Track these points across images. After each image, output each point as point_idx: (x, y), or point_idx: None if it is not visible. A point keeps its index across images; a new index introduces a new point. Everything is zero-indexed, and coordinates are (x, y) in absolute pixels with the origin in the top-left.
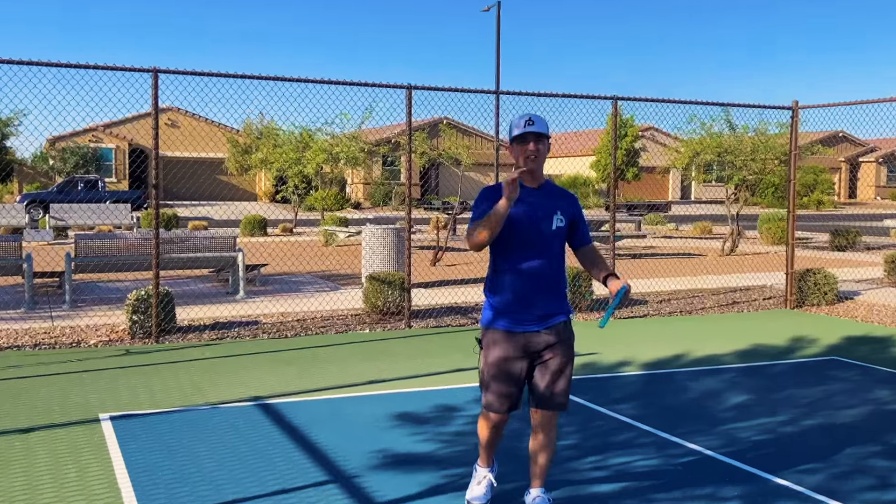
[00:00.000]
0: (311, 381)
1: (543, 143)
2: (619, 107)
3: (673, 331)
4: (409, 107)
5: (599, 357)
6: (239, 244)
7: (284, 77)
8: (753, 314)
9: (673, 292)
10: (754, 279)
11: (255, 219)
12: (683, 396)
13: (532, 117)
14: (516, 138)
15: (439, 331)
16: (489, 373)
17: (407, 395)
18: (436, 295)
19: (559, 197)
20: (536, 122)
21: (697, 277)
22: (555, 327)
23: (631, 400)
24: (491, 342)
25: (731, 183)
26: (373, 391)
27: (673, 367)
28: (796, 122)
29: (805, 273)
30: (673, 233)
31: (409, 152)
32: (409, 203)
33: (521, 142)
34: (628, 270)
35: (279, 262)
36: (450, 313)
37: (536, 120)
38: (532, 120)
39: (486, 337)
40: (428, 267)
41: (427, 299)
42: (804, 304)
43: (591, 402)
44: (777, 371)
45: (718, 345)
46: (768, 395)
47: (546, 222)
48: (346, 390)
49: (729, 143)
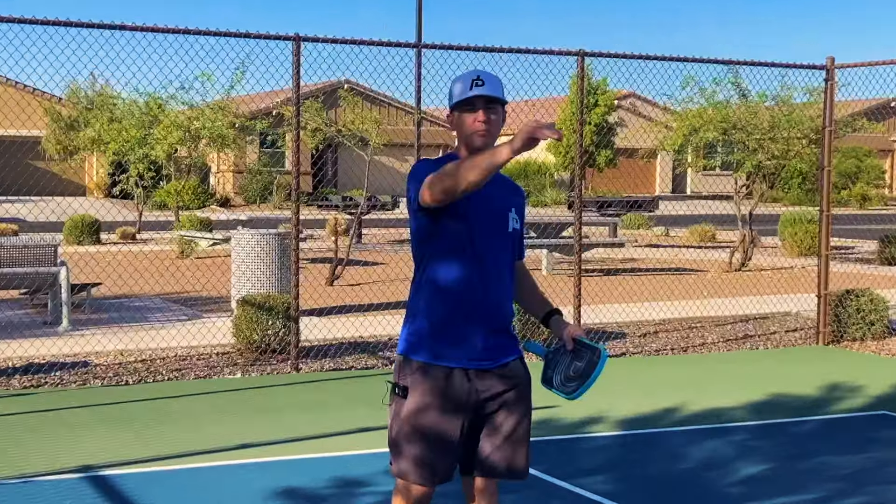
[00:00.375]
0: (160, 446)
1: (497, 111)
2: (588, 66)
3: (661, 375)
4: (297, 65)
5: (560, 411)
6: (62, 256)
7: (124, 25)
8: (772, 352)
9: (662, 322)
10: (774, 304)
11: (85, 221)
12: (675, 466)
13: (481, 75)
14: (460, 104)
15: (338, 375)
16: (405, 425)
17: (293, 464)
18: (334, 326)
19: (511, 190)
20: (487, 83)
21: (695, 302)
22: (510, 364)
23: (603, 471)
24: (410, 381)
25: (741, 171)
26: (246, 458)
27: (661, 426)
28: (832, 86)
29: (844, 296)
30: (662, 240)
31: (296, 128)
32: (296, 199)
33: (467, 109)
34: (599, 293)
35: (117, 281)
36: (353, 351)
37: (487, 79)
38: (481, 79)
39: (403, 373)
40: (323, 287)
41: (322, 332)
42: (843, 339)
43: (547, 473)
44: (805, 431)
45: (724, 394)
46: (793, 465)
47: (502, 221)
48: (208, 458)
49: (739, 115)
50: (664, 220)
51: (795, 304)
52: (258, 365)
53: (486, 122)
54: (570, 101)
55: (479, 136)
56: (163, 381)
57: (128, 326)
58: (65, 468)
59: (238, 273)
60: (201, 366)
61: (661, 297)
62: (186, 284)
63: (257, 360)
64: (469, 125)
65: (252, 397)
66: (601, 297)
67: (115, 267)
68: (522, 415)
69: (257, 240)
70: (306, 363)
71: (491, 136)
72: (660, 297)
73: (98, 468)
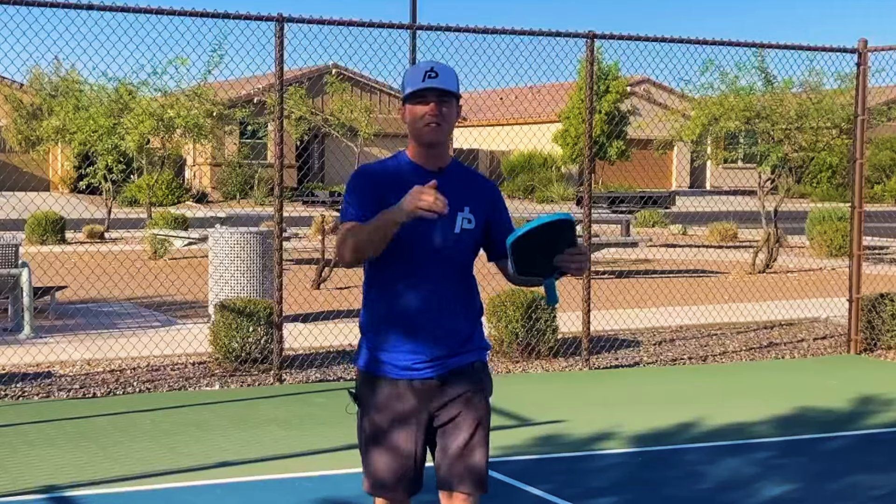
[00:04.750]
0: (131, 464)
1: (450, 104)
2: (598, 49)
3: (678, 387)
4: (281, 49)
5: (567, 426)
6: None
7: (91, 4)
8: (799, 362)
9: (679, 329)
10: (801, 309)
11: (48, 218)
12: (693, 486)
13: (436, 67)
14: (411, 96)
15: (325, 387)
16: (366, 440)
17: (276, 483)
18: (320, 333)
19: (468, 186)
20: (441, 74)
21: (715, 307)
22: (459, 372)
23: (613, 492)
24: (366, 393)
25: (765, 164)
26: (224, 478)
27: (677, 442)
28: (865, 71)
29: (878, 300)
30: (679, 239)
31: (279, 117)
32: (279, 195)
33: (418, 101)
34: (611, 297)
35: (84, 284)
36: (341, 360)
37: (441, 71)
38: (435, 71)
39: (361, 386)
40: (309, 291)
41: (307, 339)
42: (876, 347)
43: (553, 494)
44: (835, 448)
45: (746, 408)
46: (821, 485)
47: (448, 222)
48: (183, 477)
49: (763, 103)
50: (681, 218)
51: (825, 310)
52: (238, 376)
53: (436, 115)
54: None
55: (430, 129)
56: (133, 394)
57: (95, 334)
58: (26, 488)
59: (216, 275)
60: (175, 377)
61: (677, 301)
62: (160, 288)
63: (237, 370)
64: (419, 118)
65: (231, 411)
66: (613, 301)
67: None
68: (476, 417)
69: (237, 239)
70: (290, 373)
71: (441, 131)
72: (676, 301)
73: (62, 488)
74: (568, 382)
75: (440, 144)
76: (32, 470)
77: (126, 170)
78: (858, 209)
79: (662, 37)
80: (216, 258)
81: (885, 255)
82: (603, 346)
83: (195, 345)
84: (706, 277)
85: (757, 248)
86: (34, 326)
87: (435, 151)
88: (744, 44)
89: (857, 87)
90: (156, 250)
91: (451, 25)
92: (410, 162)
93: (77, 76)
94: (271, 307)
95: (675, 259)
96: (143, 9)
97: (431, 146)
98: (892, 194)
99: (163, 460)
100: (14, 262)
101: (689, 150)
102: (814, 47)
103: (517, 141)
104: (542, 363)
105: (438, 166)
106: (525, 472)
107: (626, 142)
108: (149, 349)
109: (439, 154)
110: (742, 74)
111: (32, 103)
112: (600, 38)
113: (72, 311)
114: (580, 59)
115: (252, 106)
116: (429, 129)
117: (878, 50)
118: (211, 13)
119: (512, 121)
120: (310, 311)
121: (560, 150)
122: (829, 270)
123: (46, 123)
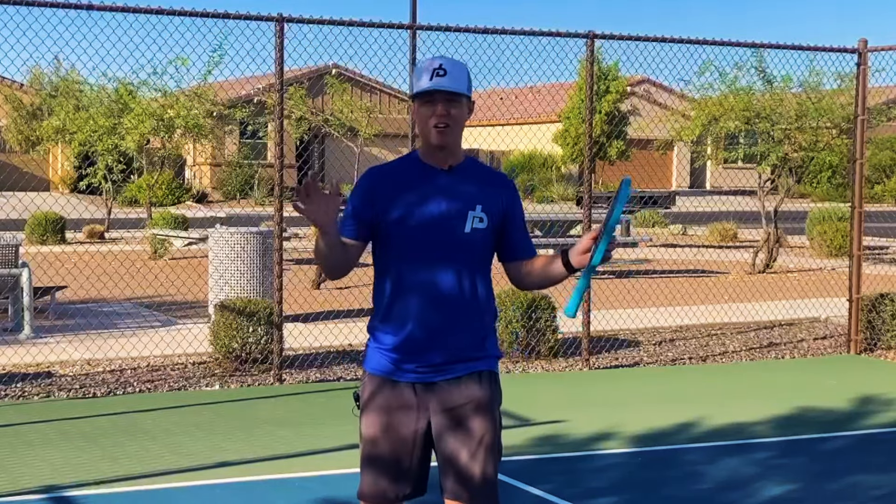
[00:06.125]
0: (131, 464)
1: (459, 105)
2: (598, 49)
3: (678, 387)
4: (281, 49)
5: (567, 426)
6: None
7: (91, 4)
8: (799, 362)
9: (679, 329)
10: (801, 309)
11: (48, 218)
12: (693, 486)
13: (444, 63)
14: (419, 95)
15: (325, 387)
16: (364, 443)
17: (276, 483)
18: (321, 333)
19: (483, 184)
20: (450, 73)
21: (715, 307)
22: (468, 379)
23: (613, 492)
24: (368, 395)
25: (765, 164)
26: (224, 478)
27: (677, 442)
28: (865, 71)
29: (878, 300)
30: (679, 239)
31: (279, 117)
32: (279, 195)
33: (426, 102)
34: (611, 297)
35: (84, 284)
36: (341, 360)
37: (451, 68)
38: (444, 68)
39: (364, 387)
40: (309, 291)
41: (307, 339)
42: (876, 347)
43: (553, 494)
44: (835, 448)
45: (746, 408)
46: (821, 485)
47: (458, 221)
48: (184, 477)
49: (763, 103)
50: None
51: (825, 310)
52: (238, 376)
53: (446, 118)
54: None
55: (437, 132)
56: (134, 394)
57: (96, 334)
58: (26, 488)
59: (216, 275)
60: (176, 377)
61: (677, 301)
62: (160, 288)
63: (237, 370)
64: (427, 120)
65: (231, 411)
66: (613, 301)
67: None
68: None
69: (237, 239)
70: (290, 373)
71: (450, 133)
72: (676, 301)
73: (62, 488)
74: (568, 382)
75: (450, 145)
76: (32, 470)
77: (126, 170)
78: (858, 209)
79: (662, 37)
80: (216, 258)
81: (885, 255)
82: (603, 346)
83: (195, 345)
84: (706, 277)
85: (757, 248)
86: (34, 326)
87: (445, 151)
88: (744, 44)
89: (857, 87)
90: (156, 250)
91: (451, 25)
92: (420, 161)
93: (77, 76)
94: (271, 307)
95: (675, 259)
96: (143, 9)
97: (440, 148)
98: (892, 194)
99: (163, 460)
100: (14, 262)
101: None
102: (814, 47)
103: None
104: (542, 363)
105: (449, 164)
106: (525, 472)
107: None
108: (149, 349)
109: (450, 153)
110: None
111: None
112: (600, 38)
113: (72, 311)
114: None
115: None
116: (436, 132)
117: (878, 50)
118: (211, 13)
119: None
120: (310, 311)
121: (560, 150)
122: (829, 270)
123: (46, 123)
